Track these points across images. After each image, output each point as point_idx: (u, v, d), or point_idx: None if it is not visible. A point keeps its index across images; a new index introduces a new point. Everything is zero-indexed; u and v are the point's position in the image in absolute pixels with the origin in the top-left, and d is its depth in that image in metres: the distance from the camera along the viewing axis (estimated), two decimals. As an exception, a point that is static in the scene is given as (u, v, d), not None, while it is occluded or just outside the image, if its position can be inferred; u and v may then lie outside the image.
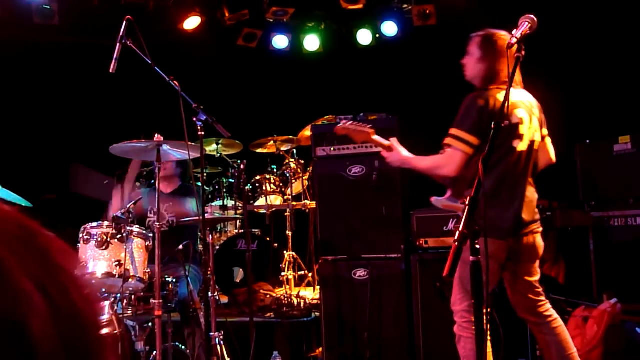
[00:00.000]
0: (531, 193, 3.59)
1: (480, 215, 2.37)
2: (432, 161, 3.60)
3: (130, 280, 3.95)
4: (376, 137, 3.96)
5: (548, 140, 3.80)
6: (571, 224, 5.59)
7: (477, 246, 2.17)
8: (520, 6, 6.39)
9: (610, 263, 5.48)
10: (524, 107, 3.57)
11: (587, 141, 5.75)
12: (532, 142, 3.57)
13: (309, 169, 6.78)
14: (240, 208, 6.58)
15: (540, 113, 3.73)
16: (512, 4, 6.57)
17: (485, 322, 2.20)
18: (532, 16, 2.70)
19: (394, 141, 3.87)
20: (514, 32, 2.64)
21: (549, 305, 3.75)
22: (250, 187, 6.90)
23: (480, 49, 3.61)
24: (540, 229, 3.64)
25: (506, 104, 2.46)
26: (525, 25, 2.68)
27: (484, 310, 2.22)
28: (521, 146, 3.51)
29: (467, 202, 2.17)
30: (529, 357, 4.65)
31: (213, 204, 6.91)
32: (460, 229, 2.10)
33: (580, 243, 5.74)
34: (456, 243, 2.11)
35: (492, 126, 2.45)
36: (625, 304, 4.92)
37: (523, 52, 2.55)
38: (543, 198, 5.25)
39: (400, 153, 3.78)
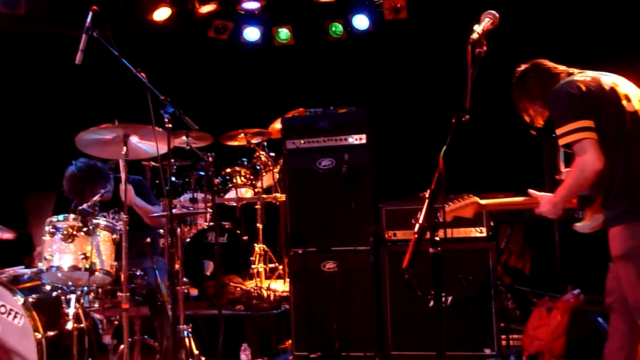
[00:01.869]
0: None
1: None
2: (572, 173, 3.14)
3: (96, 273, 3.92)
4: (483, 202, 3.68)
5: None
6: (537, 216, 5.67)
7: (437, 238, 2.21)
8: (491, 1, 6.49)
9: (574, 255, 5.58)
10: (607, 77, 3.28)
11: (553, 135, 5.79)
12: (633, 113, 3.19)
13: (279, 161, 6.78)
14: (209, 201, 6.56)
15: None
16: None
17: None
18: (494, 12, 2.73)
19: (533, 193, 3.51)
20: (475, 27, 2.66)
21: None
22: (221, 179, 6.88)
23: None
24: None
25: (467, 99, 2.47)
26: (487, 21, 2.70)
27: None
28: (632, 107, 3.18)
29: (427, 195, 2.20)
30: (494, 347, 4.73)
31: (182, 197, 6.88)
32: (420, 221, 2.13)
33: (546, 235, 5.84)
34: (416, 235, 2.14)
35: (453, 120, 2.47)
36: (588, 295, 5.02)
37: (484, 48, 2.57)
38: (509, 190, 5.34)
39: (547, 199, 3.39)
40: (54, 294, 4.07)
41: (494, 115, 4.22)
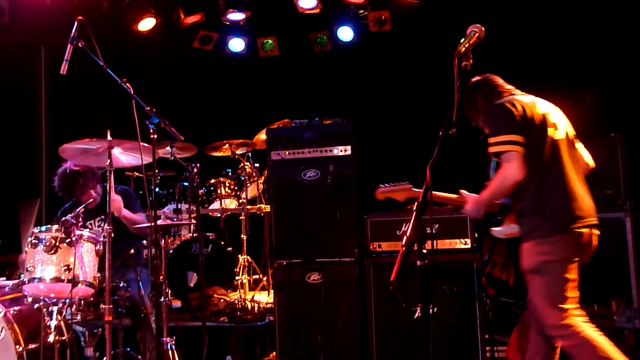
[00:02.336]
0: (583, 184, 3.58)
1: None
2: (496, 179, 3.44)
3: (79, 285, 3.88)
4: (416, 190, 4.01)
5: (581, 146, 3.85)
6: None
7: (424, 251, 2.22)
8: (475, 14, 6.55)
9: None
10: (542, 103, 3.64)
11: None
12: (568, 137, 3.60)
13: (264, 172, 6.77)
14: (194, 212, 6.52)
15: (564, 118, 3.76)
16: (466, 12, 6.71)
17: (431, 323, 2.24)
18: (480, 26, 2.76)
19: (463, 193, 3.77)
20: (461, 40, 2.68)
21: None
22: (205, 190, 6.85)
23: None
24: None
25: (454, 113, 2.49)
26: (472, 34, 2.72)
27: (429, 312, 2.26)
28: (558, 134, 3.53)
29: (414, 208, 2.20)
30: (479, 358, 4.73)
31: (166, 208, 6.84)
32: (408, 234, 2.13)
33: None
34: (403, 248, 2.14)
35: (440, 134, 2.49)
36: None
37: (470, 61, 2.59)
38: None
39: (473, 199, 3.66)
40: (36, 305, 4.01)
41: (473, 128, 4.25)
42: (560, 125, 3.57)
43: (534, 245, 3.40)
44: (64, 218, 3.91)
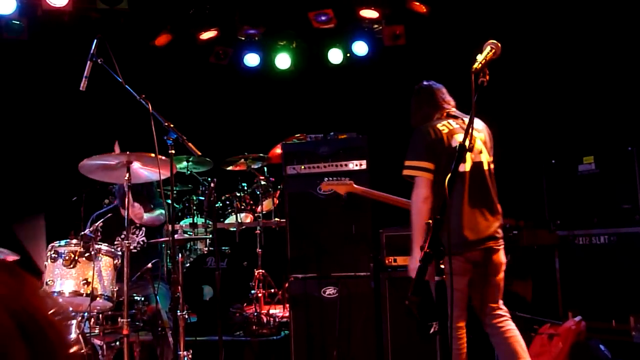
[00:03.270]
0: (482, 211, 3.80)
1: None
2: (411, 208, 3.77)
3: (97, 299, 3.91)
4: (357, 186, 4.49)
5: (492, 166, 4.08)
6: (537, 242, 5.69)
7: (442, 266, 2.22)
8: (488, 29, 6.56)
9: (575, 281, 5.58)
10: (463, 132, 3.77)
11: (553, 161, 5.87)
12: (476, 164, 3.82)
13: (279, 186, 6.79)
14: (210, 226, 6.56)
15: (489, 140, 4.02)
16: (479, 26, 6.72)
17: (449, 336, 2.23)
18: (496, 41, 2.76)
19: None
20: (477, 56, 2.69)
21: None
22: (221, 204, 6.89)
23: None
24: (500, 245, 3.85)
25: (470, 130, 2.51)
26: (489, 50, 2.73)
27: (449, 325, 2.26)
28: (464, 167, 3.75)
29: (431, 223, 2.21)
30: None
31: (182, 222, 6.87)
32: (425, 248, 2.14)
33: (546, 261, 5.84)
34: (420, 263, 2.15)
35: (456, 148, 2.51)
36: (590, 322, 5.02)
37: (487, 77, 2.60)
38: (509, 217, 5.35)
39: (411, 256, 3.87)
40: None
41: (494, 140, 4.26)
42: (475, 156, 3.80)
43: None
44: (82, 232, 3.95)
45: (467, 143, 2.49)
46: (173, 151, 3.85)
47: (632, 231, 5.20)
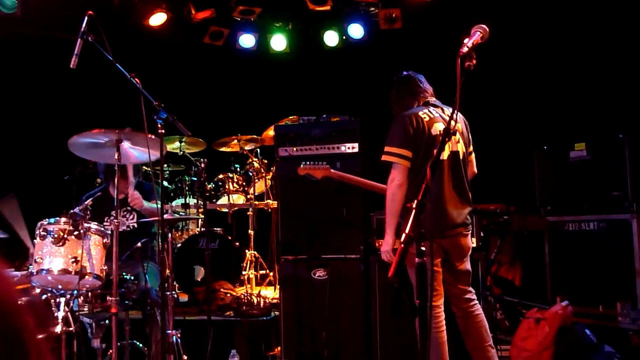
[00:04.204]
0: (456, 199, 3.96)
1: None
2: (387, 189, 3.96)
3: (86, 277, 3.92)
4: (333, 171, 4.65)
5: (473, 155, 4.26)
6: (527, 228, 5.72)
7: (423, 248, 2.24)
8: (482, 13, 6.54)
9: (564, 266, 5.62)
10: (443, 121, 3.99)
11: (545, 147, 5.89)
12: (454, 152, 3.99)
13: (272, 168, 6.80)
14: (202, 206, 6.57)
15: (466, 130, 4.16)
16: (474, 11, 6.69)
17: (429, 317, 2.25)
18: (485, 26, 2.76)
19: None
20: (465, 41, 2.69)
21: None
22: (213, 185, 6.89)
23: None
24: (468, 231, 4.05)
25: (455, 114, 2.51)
26: (477, 35, 2.72)
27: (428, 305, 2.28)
28: (443, 155, 3.91)
29: (414, 206, 2.22)
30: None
31: (174, 202, 6.88)
32: (407, 231, 2.15)
33: (536, 247, 5.88)
34: (402, 245, 2.16)
35: (441, 133, 2.51)
36: (577, 306, 5.06)
37: (474, 62, 2.60)
38: (500, 202, 5.37)
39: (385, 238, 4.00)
40: (44, 297, 4.06)
41: (485, 127, 4.28)
42: (452, 144, 3.97)
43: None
44: (71, 211, 3.95)
45: (434, 131, 2.48)
46: (163, 131, 3.85)
47: (621, 218, 5.23)
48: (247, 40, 8.35)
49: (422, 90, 4.18)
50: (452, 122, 2.48)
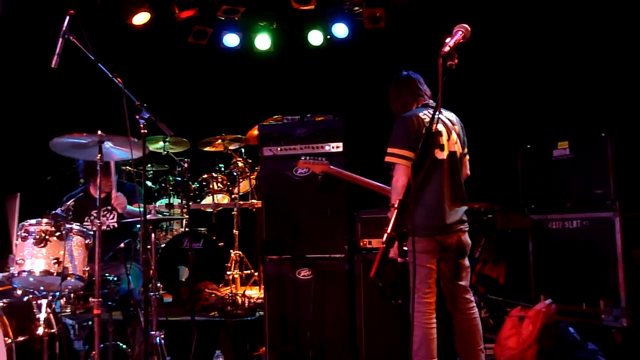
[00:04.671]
0: (455, 197, 3.98)
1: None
2: (391, 192, 3.93)
3: (68, 278, 3.89)
4: (332, 167, 4.68)
5: (467, 157, 4.27)
6: (511, 226, 5.75)
7: (405, 248, 2.24)
8: (465, 13, 6.56)
9: (547, 264, 5.65)
10: (442, 123, 4.04)
11: (528, 146, 5.91)
12: (452, 153, 4.01)
13: (256, 168, 6.78)
14: (186, 206, 6.54)
15: (462, 132, 4.20)
16: (457, 11, 6.71)
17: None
18: (467, 26, 2.76)
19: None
20: (447, 40, 2.69)
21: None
22: (197, 185, 6.86)
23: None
24: (466, 228, 4.07)
25: (436, 116, 2.52)
26: (458, 34, 2.73)
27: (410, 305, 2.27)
28: (442, 155, 3.95)
29: (396, 205, 2.22)
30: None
31: (158, 202, 6.84)
32: (388, 231, 2.15)
33: (520, 245, 5.91)
34: (383, 245, 2.16)
35: (423, 131, 2.51)
36: (561, 304, 5.09)
37: (456, 61, 2.61)
38: (484, 201, 5.39)
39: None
40: (25, 298, 4.03)
41: (469, 126, 4.30)
42: (451, 145, 4.02)
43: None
44: (53, 212, 3.92)
45: (433, 127, 2.49)
46: (145, 131, 3.82)
47: (604, 216, 5.26)
48: (231, 40, 8.32)
49: (422, 92, 4.21)
50: (437, 124, 2.47)
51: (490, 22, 6.60)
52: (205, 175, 6.90)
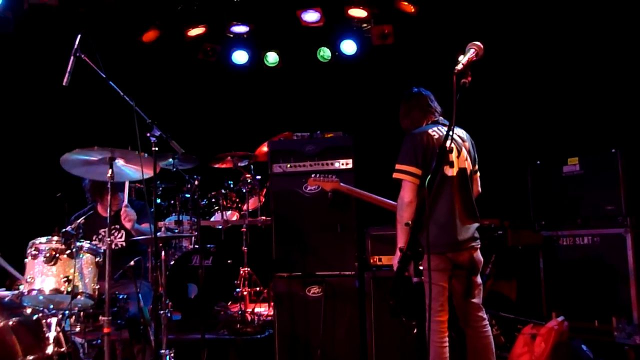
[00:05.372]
0: (466, 214, 3.96)
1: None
2: (397, 208, 3.88)
3: (78, 296, 3.88)
4: (343, 185, 4.69)
5: (478, 174, 4.25)
6: (522, 242, 5.72)
7: (420, 267, 2.22)
8: (475, 29, 6.57)
9: (558, 281, 5.61)
10: (452, 140, 3.99)
11: (538, 162, 5.89)
12: (461, 169, 4.00)
13: (265, 184, 6.77)
14: (195, 223, 6.52)
15: (473, 149, 4.19)
16: (466, 27, 6.72)
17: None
18: (479, 43, 2.76)
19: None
20: (460, 58, 2.70)
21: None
22: (207, 202, 6.85)
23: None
24: (478, 245, 4.03)
25: (450, 133, 2.51)
26: (471, 52, 2.74)
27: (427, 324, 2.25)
28: (452, 172, 3.94)
29: (410, 224, 2.21)
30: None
31: (167, 219, 6.83)
32: (404, 250, 2.13)
33: (531, 261, 5.87)
34: (399, 264, 2.14)
35: (437, 150, 2.50)
36: (573, 322, 5.04)
37: (469, 79, 2.60)
38: (495, 217, 5.37)
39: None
40: (35, 317, 4.01)
41: (479, 142, 4.28)
42: (460, 162, 4.00)
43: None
44: (63, 230, 3.92)
45: (447, 144, 2.48)
46: (156, 148, 3.83)
47: (615, 232, 5.23)
48: (240, 57, 8.36)
49: (432, 109, 4.19)
50: (448, 141, 2.46)
51: (500, 38, 6.60)
52: (214, 192, 6.89)
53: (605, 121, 6.31)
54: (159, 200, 7.02)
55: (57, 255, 3.87)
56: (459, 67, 2.65)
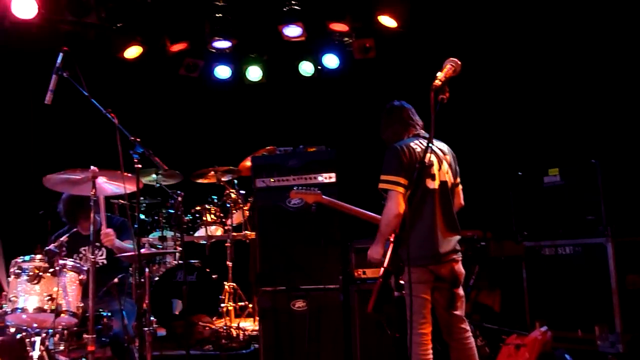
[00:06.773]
0: (447, 226, 3.98)
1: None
2: (382, 217, 3.87)
3: (62, 315, 3.86)
4: (325, 197, 4.66)
5: (460, 187, 4.26)
6: (504, 253, 5.76)
7: (401, 282, 2.24)
8: (455, 43, 6.64)
9: (542, 291, 5.64)
10: (434, 153, 4.04)
11: (519, 173, 5.95)
12: (443, 182, 4.01)
13: (249, 199, 6.78)
14: (179, 239, 6.51)
15: (454, 162, 4.21)
16: (447, 41, 6.80)
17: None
18: (457, 60, 2.80)
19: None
20: (437, 74, 2.73)
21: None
22: (190, 217, 6.84)
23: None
24: (460, 258, 4.05)
25: (429, 147, 2.54)
26: (449, 68, 2.77)
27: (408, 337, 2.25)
28: (434, 185, 3.95)
29: (391, 239, 2.23)
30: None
31: (151, 235, 6.81)
32: (385, 265, 2.16)
33: (514, 272, 5.90)
34: (380, 279, 2.16)
35: (417, 165, 2.53)
36: (556, 331, 5.08)
37: (447, 95, 2.64)
38: (477, 228, 5.40)
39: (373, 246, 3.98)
40: (19, 336, 3.98)
41: (460, 154, 4.33)
42: (442, 175, 4.02)
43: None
44: (47, 248, 3.90)
45: (426, 158, 2.51)
46: (139, 165, 3.83)
47: (596, 242, 5.28)
48: (222, 72, 8.39)
49: (414, 122, 4.21)
50: (427, 154, 2.49)
51: (481, 52, 6.69)
52: (198, 207, 6.89)
53: (584, 132, 6.40)
54: (142, 216, 7.00)
55: (41, 273, 3.85)
56: (437, 82, 2.69)
